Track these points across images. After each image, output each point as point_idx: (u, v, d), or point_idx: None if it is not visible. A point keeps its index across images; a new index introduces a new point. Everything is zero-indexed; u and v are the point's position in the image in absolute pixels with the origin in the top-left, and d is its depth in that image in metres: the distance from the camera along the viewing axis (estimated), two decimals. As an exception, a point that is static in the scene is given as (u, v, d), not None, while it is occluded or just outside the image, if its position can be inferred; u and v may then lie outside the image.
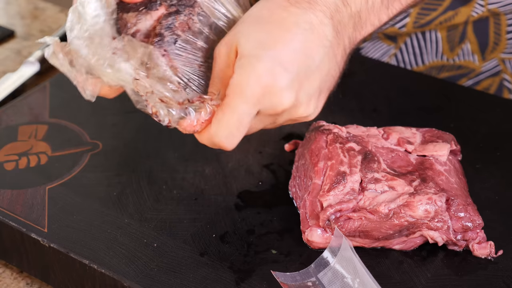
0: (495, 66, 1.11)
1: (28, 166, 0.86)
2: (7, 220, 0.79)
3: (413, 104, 0.95)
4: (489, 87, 1.13)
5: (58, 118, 0.92)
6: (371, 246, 0.76)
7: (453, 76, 1.12)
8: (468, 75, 1.12)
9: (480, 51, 1.10)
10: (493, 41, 1.09)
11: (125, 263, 0.74)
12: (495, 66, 1.11)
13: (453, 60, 1.11)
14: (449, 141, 0.81)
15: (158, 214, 0.80)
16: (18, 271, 0.83)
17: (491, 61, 1.11)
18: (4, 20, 1.24)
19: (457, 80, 1.11)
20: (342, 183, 0.75)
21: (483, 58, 1.11)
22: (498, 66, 1.11)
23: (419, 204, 0.74)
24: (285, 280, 0.71)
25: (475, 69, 1.11)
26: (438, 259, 0.75)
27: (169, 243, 0.76)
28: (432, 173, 0.77)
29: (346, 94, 0.96)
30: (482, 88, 1.12)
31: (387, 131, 0.81)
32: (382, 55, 1.11)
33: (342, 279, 0.71)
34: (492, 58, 1.11)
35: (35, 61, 1.09)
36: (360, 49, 1.11)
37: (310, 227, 0.75)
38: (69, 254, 0.75)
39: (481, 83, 1.13)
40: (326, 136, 0.80)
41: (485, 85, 1.13)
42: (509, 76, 1.12)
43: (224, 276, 0.73)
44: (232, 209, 0.80)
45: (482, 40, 1.09)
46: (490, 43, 1.09)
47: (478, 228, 0.75)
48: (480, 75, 1.12)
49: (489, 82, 1.13)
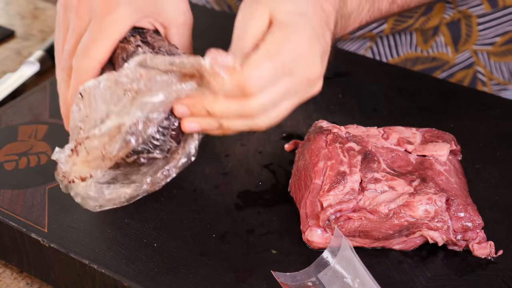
0: (468, 58, 1.13)
1: (28, 166, 0.86)
2: (7, 220, 0.79)
3: (413, 104, 0.95)
4: (463, 79, 1.15)
5: (58, 118, 0.92)
6: (371, 246, 0.76)
7: (428, 68, 1.14)
8: (442, 67, 1.14)
9: (453, 43, 1.12)
10: (465, 33, 1.11)
11: (125, 263, 0.74)
12: (468, 58, 1.13)
13: (427, 52, 1.13)
14: (449, 141, 0.81)
15: (158, 214, 0.80)
16: (18, 271, 0.83)
17: (464, 53, 1.13)
18: (4, 20, 1.24)
19: (431, 73, 1.13)
20: (342, 183, 0.75)
21: (456, 50, 1.13)
22: (471, 58, 1.13)
23: (419, 204, 0.74)
24: (285, 280, 0.71)
25: (449, 61, 1.13)
26: (438, 259, 0.75)
27: (169, 243, 0.76)
28: (432, 173, 0.77)
29: (346, 94, 0.96)
30: (456, 80, 1.14)
31: (387, 131, 0.81)
32: (358, 48, 1.13)
33: (342, 279, 0.71)
34: (465, 50, 1.13)
35: (35, 61, 1.09)
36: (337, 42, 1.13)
37: (310, 227, 0.75)
38: (69, 254, 0.75)
39: (455, 75, 1.14)
40: (326, 136, 0.80)
41: (459, 77, 1.15)
42: (482, 68, 1.14)
43: (224, 276, 0.73)
44: (232, 209, 0.80)
45: (455, 32, 1.12)
46: (463, 35, 1.11)
47: (478, 228, 0.75)
48: (454, 67, 1.14)
49: (463, 74, 1.15)
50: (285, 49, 0.69)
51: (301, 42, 0.70)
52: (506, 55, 1.15)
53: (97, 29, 0.77)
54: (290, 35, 0.69)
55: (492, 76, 1.15)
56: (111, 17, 0.77)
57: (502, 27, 1.13)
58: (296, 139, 0.88)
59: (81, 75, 0.76)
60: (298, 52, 0.69)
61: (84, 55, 0.76)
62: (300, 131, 0.90)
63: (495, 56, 1.15)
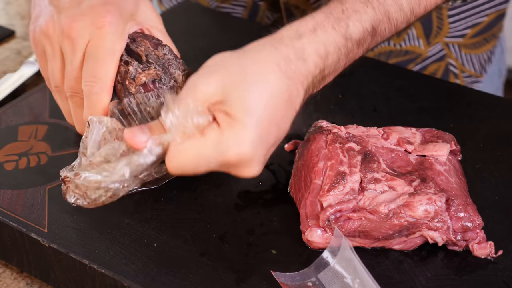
0: (440, 51, 1.15)
1: (28, 166, 0.86)
2: (7, 220, 0.79)
3: (413, 104, 0.95)
4: (435, 72, 1.16)
5: (58, 118, 0.92)
6: (371, 246, 0.76)
7: (401, 62, 1.15)
8: (415, 60, 1.15)
9: (425, 35, 1.13)
10: (436, 26, 1.12)
11: (125, 263, 0.74)
12: (440, 51, 1.15)
13: (399, 45, 1.14)
14: (449, 141, 0.81)
15: (158, 214, 0.80)
16: (18, 271, 0.83)
17: (435, 45, 1.14)
18: (4, 20, 1.24)
19: (405, 66, 1.14)
20: (342, 183, 0.75)
21: (428, 43, 1.14)
22: (443, 51, 1.15)
23: (419, 204, 0.74)
24: (285, 280, 0.71)
25: (421, 54, 1.14)
26: (438, 259, 0.75)
27: (169, 243, 0.76)
28: (432, 173, 0.77)
29: (346, 94, 0.96)
30: (429, 73, 1.15)
31: (387, 131, 0.82)
32: None
33: (342, 279, 0.71)
34: (437, 43, 1.14)
35: (35, 61, 1.09)
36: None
37: (310, 227, 0.75)
38: (69, 254, 0.75)
39: (428, 68, 1.16)
40: (325, 136, 0.80)
41: (432, 70, 1.16)
42: (454, 60, 1.15)
43: (224, 276, 0.73)
44: (232, 209, 0.80)
45: (426, 25, 1.12)
46: (434, 27, 1.12)
47: (478, 228, 0.75)
48: (427, 59, 1.15)
49: (435, 67, 1.16)
50: (222, 152, 0.69)
51: (244, 147, 0.69)
52: (477, 47, 1.16)
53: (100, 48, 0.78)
54: (231, 137, 0.69)
55: (464, 68, 1.16)
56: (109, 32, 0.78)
57: (472, 19, 1.14)
58: (296, 139, 0.88)
59: (95, 99, 0.78)
60: (238, 159, 0.70)
61: (94, 79, 0.78)
62: (300, 131, 0.90)
63: (466, 48, 1.16)
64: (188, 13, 1.14)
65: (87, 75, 0.78)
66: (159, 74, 0.78)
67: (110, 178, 0.71)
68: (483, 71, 1.19)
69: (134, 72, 0.78)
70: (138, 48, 0.80)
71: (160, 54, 0.80)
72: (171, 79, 0.79)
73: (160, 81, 0.78)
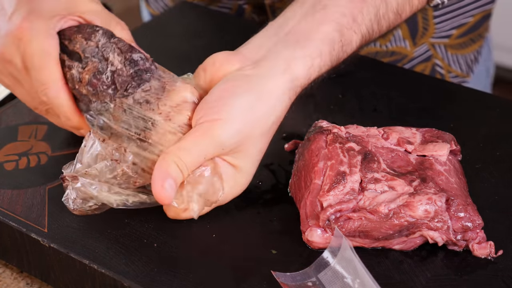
0: (426, 51, 1.15)
1: (28, 166, 0.86)
2: (7, 220, 0.79)
3: (413, 104, 0.95)
4: (422, 72, 1.16)
5: (58, 118, 0.92)
6: (371, 246, 0.76)
7: (388, 62, 1.14)
8: (401, 61, 1.16)
9: (411, 36, 1.13)
10: (422, 26, 1.12)
11: (125, 263, 0.74)
12: (426, 51, 1.15)
13: (386, 46, 1.14)
14: (449, 141, 0.81)
15: (158, 214, 0.80)
16: (18, 271, 0.83)
17: (422, 46, 1.15)
18: (4, 20, 1.24)
19: None
20: (342, 183, 0.75)
21: (414, 43, 1.14)
22: (429, 51, 1.15)
23: (419, 204, 0.74)
24: (285, 280, 0.71)
25: (408, 55, 1.15)
26: (438, 259, 0.75)
27: (169, 243, 0.76)
28: (432, 173, 0.77)
29: (346, 94, 0.96)
30: None
31: (387, 131, 0.81)
32: None
33: (342, 279, 0.71)
34: (423, 43, 1.14)
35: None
36: None
37: (310, 227, 0.75)
38: (69, 254, 0.75)
39: (415, 68, 1.16)
40: (326, 136, 0.80)
41: (418, 70, 1.16)
42: (440, 61, 1.16)
43: (224, 276, 0.73)
44: (232, 209, 0.80)
45: (412, 26, 1.13)
46: (420, 28, 1.13)
47: (478, 228, 0.75)
48: (413, 60, 1.16)
49: (421, 67, 1.16)
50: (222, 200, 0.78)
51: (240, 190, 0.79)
52: (463, 48, 1.16)
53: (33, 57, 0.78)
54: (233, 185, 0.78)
55: (450, 69, 1.16)
56: (31, 38, 0.77)
57: (458, 19, 1.14)
58: (296, 139, 0.88)
59: (57, 103, 0.79)
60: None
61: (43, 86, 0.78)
62: (300, 131, 0.90)
63: (452, 48, 1.16)
64: (186, 12, 1.14)
65: (37, 85, 0.78)
66: (96, 66, 0.77)
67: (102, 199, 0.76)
68: (470, 71, 1.19)
69: (77, 75, 0.77)
70: (75, 47, 0.78)
71: (94, 44, 0.78)
72: (107, 65, 0.77)
73: (99, 72, 0.77)
